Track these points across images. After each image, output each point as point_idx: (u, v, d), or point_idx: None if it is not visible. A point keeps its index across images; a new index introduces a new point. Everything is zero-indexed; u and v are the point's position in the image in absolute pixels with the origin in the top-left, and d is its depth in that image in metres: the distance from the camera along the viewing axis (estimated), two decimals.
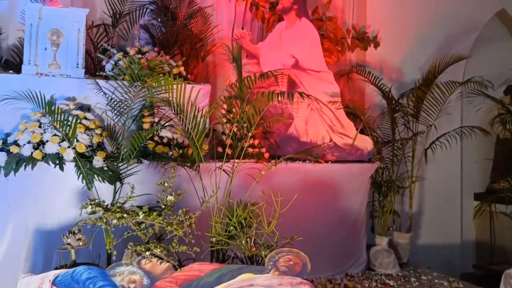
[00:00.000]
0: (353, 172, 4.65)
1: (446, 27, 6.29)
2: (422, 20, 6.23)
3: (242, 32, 4.73)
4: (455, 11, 6.28)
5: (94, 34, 4.98)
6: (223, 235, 3.06)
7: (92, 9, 5.12)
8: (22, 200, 3.63)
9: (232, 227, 3.10)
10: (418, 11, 6.24)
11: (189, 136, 3.23)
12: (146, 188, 3.47)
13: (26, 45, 4.07)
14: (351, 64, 5.95)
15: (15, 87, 3.76)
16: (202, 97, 4.03)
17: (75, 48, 4.15)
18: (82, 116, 3.88)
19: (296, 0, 4.74)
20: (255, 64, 4.73)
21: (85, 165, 3.67)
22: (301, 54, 4.67)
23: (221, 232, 3.10)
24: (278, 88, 4.72)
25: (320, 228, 4.54)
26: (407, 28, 6.20)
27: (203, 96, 4.14)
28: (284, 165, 4.44)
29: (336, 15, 5.96)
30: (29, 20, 4.07)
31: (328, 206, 4.58)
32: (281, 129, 4.71)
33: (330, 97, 4.68)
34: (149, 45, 5.16)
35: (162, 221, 2.78)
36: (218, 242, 3.09)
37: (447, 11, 6.30)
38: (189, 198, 3.51)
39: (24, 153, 3.61)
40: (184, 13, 5.19)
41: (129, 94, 3.41)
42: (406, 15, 6.21)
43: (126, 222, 2.71)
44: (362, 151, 4.68)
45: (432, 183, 6.15)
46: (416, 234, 5.98)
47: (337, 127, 4.66)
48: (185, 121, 3.19)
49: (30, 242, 3.65)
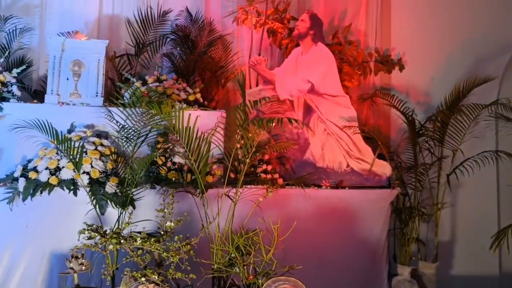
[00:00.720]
0: (372, 199, 4.52)
1: (476, 49, 6.05)
2: (450, 42, 6.04)
3: (258, 59, 4.78)
4: (486, 32, 6.05)
5: (118, 63, 5.17)
6: (223, 263, 3.04)
7: (117, 40, 5.40)
8: (40, 224, 3.77)
9: (232, 254, 3.07)
10: (445, 33, 6.06)
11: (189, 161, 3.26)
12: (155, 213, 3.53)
13: (50, 75, 4.32)
14: (375, 88, 5.85)
15: (39, 116, 3.98)
16: (215, 122, 4.09)
17: (95, 78, 4.35)
18: (98, 143, 4.03)
19: (312, 25, 4.76)
20: (271, 90, 4.75)
21: (98, 190, 3.79)
22: (317, 79, 4.65)
23: (222, 259, 3.07)
24: (294, 113, 4.74)
25: (337, 256, 4.42)
26: (434, 50, 6.02)
27: (217, 122, 4.18)
28: (298, 191, 4.40)
29: (358, 39, 5.92)
30: (52, 52, 4.32)
31: (345, 233, 4.46)
32: (297, 154, 4.68)
33: (347, 121, 4.61)
34: (171, 73, 5.35)
35: (159, 247, 2.79)
36: (217, 270, 3.07)
37: (477, 32, 6.08)
38: (197, 224, 3.54)
39: (42, 178, 3.77)
40: (204, 41, 5.32)
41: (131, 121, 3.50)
42: (432, 37, 6.05)
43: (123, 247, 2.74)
44: (381, 177, 4.55)
45: (465, 210, 5.84)
46: (447, 264, 5.68)
47: (354, 152, 4.58)
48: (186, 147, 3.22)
49: (46, 266, 3.77)
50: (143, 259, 2.84)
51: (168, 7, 5.48)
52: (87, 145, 3.93)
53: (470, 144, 5.11)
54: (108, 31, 5.35)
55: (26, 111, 4.06)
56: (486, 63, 5.98)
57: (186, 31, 5.29)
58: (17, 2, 5.16)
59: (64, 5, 5.26)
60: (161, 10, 5.39)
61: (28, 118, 3.91)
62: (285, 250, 4.33)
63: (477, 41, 6.07)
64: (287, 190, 4.36)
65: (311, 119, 4.73)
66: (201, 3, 5.57)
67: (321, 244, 4.38)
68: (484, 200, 5.95)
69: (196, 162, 3.28)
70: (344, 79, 5.18)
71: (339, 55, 5.28)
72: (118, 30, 5.39)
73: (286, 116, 4.66)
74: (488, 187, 5.85)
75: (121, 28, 5.38)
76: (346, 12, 5.98)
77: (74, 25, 5.13)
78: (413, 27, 6.09)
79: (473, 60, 6.02)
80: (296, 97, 4.77)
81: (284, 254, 4.32)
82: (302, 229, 4.43)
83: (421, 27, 6.07)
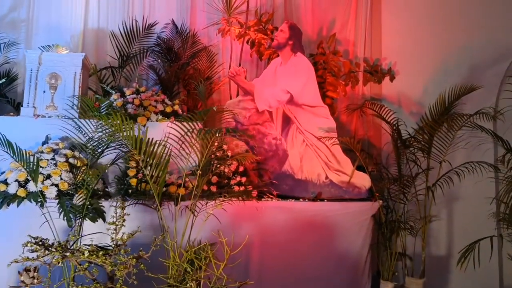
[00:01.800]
0: (351, 212, 4.38)
1: (473, 56, 5.87)
2: (445, 50, 5.88)
3: (237, 69, 4.73)
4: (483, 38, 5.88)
5: (102, 76, 5.20)
6: (176, 277, 2.96)
7: (102, 53, 5.43)
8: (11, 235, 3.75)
9: (187, 269, 3.00)
10: (440, 40, 5.89)
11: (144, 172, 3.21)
12: (133, 226, 3.47)
13: (26, 88, 4.37)
14: (364, 98, 5.73)
15: (15, 128, 4.02)
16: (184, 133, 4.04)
17: (71, 91, 4.37)
18: (70, 155, 4.02)
19: (291, 35, 4.69)
20: (250, 101, 4.68)
21: (67, 203, 3.77)
22: (296, 89, 4.57)
23: (176, 274, 3.00)
24: (273, 124, 4.66)
25: (315, 271, 4.29)
26: (427, 60, 5.86)
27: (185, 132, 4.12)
28: (273, 204, 4.31)
29: (347, 49, 5.83)
30: (29, 65, 4.37)
31: (323, 248, 4.32)
32: (276, 166, 4.59)
33: (326, 132, 4.51)
34: (157, 85, 5.36)
35: (106, 260, 2.74)
36: (171, 285, 2.99)
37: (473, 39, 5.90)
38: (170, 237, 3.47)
39: (10, 191, 3.78)
40: (188, 53, 5.32)
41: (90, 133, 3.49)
42: (425, 46, 5.89)
43: (71, 261, 2.70)
44: (360, 189, 4.42)
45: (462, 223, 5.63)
46: (443, 280, 5.46)
47: (333, 164, 4.46)
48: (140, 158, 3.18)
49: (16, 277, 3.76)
50: (91, 272, 2.79)
51: (154, 19, 5.52)
52: (57, 157, 3.93)
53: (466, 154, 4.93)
54: (93, 45, 5.41)
55: (1, 124, 4.10)
56: (483, 70, 5.79)
57: (169, 43, 5.30)
58: (4, 18, 5.25)
59: (51, 19, 5.35)
60: (147, 23, 5.42)
61: (3, 130, 3.94)
62: (261, 265, 4.26)
63: (474, 48, 5.88)
64: (262, 202, 4.28)
65: (289, 130, 4.64)
66: (187, 15, 5.59)
67: (298, 259, 4.27)
68: (483, 212, 5.73)
69: (150, 173, 3.22)
70: (327, 89, 5.08)
71: (323, 65, 5.19)
72: (104, 43, 5.44)
73: (264, 127, 4.61)
74: (486, 199, 5.64)
75: (106, 41, 5.42)
76: (334, 22, 5.91)
77: (59, 39, 5.20)
78: (405, 35, 5.96)
79: (470, 68, 5.83)
80: (275, 108, 4.70)
81: (260, 269, 4.26)
82: (278, 243, 4.35)
83: (414, 35, 5.92)
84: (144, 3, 5.59)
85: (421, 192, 4.87)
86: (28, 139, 4.12)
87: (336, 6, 5.92)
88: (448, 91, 4.81)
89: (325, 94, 5.07)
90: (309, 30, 5.80)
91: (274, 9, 5.69)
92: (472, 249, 3.93)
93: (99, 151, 3.55)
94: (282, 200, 4.36)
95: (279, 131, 4.67)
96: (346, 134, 5.54)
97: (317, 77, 5.07)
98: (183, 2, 5.63)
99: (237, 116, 4.56)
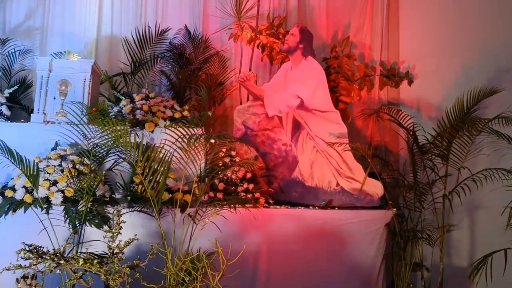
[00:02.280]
0: (364, 220, 4.22)
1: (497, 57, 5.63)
2: (465, 53, 5.65)
3: (247, 74, 4.65)
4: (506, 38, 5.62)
5: (114, 82, 5.22)
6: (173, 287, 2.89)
7: (115, 60, 5.46)
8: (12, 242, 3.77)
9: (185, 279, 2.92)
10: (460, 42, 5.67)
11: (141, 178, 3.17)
12: (139, 233, 3.42)
13: (37, 95, 4.41)
14: (381, 103, 5.55)
15: (26, 135, 4.05)
16: None
17: (80, 97, 4.38)
18: (78, 161, 4.02)
19: (302, 39, 4.59)
20: (260, 106, 4.59)
21: (72, 209, 3.76)
22: (306, 94, 4.46)
23: (174, 283, 2.92)
24: (283, 130, 4.57)
25: (325, 282, 4.14)
26: (447, 63, 5.63)
27: None
28: (282, 211, 4.21)
29: (363, 52, 5.68)
30: (40, 72, 4.41)
31: (335, 257, 4.18)
32: (285, 173, 4.48)
33: (337, 138, 4.37)
34: (169, 91, 5.34)
35: (100, 269, 2.69)
36: None
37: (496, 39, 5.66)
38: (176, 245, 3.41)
39: (17, 197, 3.80)
40: (200, 58, 5.29)
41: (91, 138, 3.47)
42: (446, 48, 5.67)
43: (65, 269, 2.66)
44: (372, 197, 4.26)
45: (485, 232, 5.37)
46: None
47: (344, 171, 4.32)
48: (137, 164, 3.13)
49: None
50: (86, 281, 2.75)
51: (167, 25, 5.51)
52: (64, 164, 3.93)
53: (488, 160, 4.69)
54: (107, 51, 5.45)
55: (12, 130, 4.15)
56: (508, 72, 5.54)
57: (181, 48, 5.27)
58: (20, 26, 5.35)
59: (65, 27, 5.42)
60: (159, 28, 5.42)
61: (14, 137, 3.98)
62: (268, 275, 4.15)
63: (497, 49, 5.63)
64: (271, 210, 4.18)
65: (300, 135, 4.53)
66: (199, 20, 5.57)
67: (308, 269, 4.14)
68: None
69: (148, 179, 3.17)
70: (341, 94, 4.95)
71: (337, 69, 5.06)
72: (117, 50, 5.46)
73: (274, 133, 4.52)
74: None
75: (119, 48, 5.44)
76: (350, 25, 5.76)
77: (73, 46, 5.27)
78: (424, 38, 5.76)
79: (495, 69, 5.58)
80: (285, 113, 4.59)
81: (267, 279, 4.15)
82: (287, 252, 4.23)
83: (433, 38, 5.71)
84: (157, 9, 5.60)
85: (438, 200, 4.66)
86: (38, 145, 4.17)
87: (352, 9, 5.77)
88: (467, 94, 4.59)
89: (338, 98, 4.93)
90: (324, 34, 5.68)
91: (287, 13, 5.59)
92: (484, 262, 3.70)
93: (100, 157, 3.52)
94: (291, 208, 4.25)
95: (289, 137, 4.56)
96: (362, 140, 5.38)
97: (330, 82, 4.95)
98: (196, 7, 5.61)
99: (246, 122, 4.47)
